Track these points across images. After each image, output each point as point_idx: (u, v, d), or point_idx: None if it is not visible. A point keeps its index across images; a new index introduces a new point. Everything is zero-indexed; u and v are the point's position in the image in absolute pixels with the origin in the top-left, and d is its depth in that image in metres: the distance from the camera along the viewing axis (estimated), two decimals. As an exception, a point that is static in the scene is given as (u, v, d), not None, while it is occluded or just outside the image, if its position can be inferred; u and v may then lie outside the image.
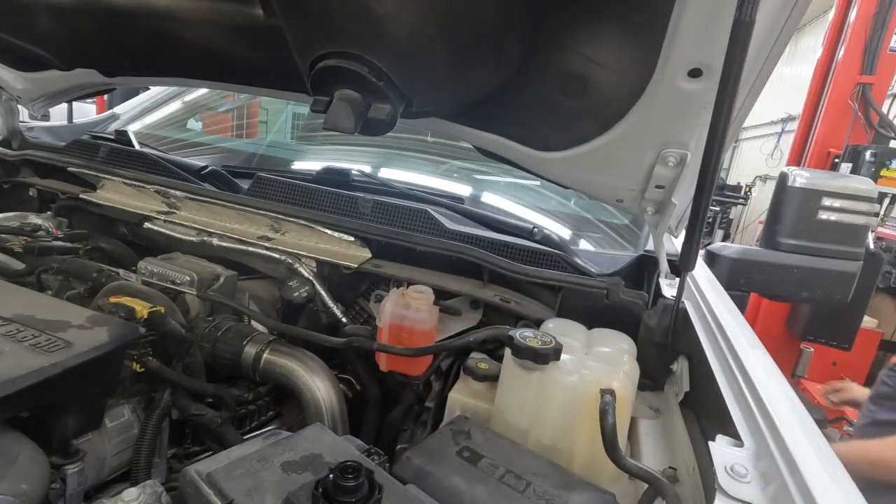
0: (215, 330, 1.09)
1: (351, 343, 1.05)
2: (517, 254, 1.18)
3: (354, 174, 1.61)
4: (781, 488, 0.60)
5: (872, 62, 4.74)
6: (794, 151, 5.38)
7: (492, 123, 1.18)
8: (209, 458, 0.71)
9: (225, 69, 1.32)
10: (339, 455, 0.70)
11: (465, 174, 2.04)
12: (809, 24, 11.82)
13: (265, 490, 0.63)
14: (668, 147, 0.99)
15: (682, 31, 0.78)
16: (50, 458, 0.75)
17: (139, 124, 2.29)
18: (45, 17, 1.27)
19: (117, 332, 0.82)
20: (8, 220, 1.45)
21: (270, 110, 2.87)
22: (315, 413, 1.00)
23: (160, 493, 0.71)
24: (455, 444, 0.76)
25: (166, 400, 0.94)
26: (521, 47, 0.93)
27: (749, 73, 0.89)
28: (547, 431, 0.85)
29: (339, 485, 0.59)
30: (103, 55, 1.44)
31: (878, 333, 4.52)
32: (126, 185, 1.47)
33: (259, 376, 1.05)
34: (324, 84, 0.90)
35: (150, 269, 1.21)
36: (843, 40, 4.86)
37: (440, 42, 0.86)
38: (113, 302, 1.00)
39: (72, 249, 1.38)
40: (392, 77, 0.87)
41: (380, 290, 1.27)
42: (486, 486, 0.69)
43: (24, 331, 0.79)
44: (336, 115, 0.87)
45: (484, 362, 1.01)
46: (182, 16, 1.10)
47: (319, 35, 0.88)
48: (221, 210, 1.36)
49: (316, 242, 1.28)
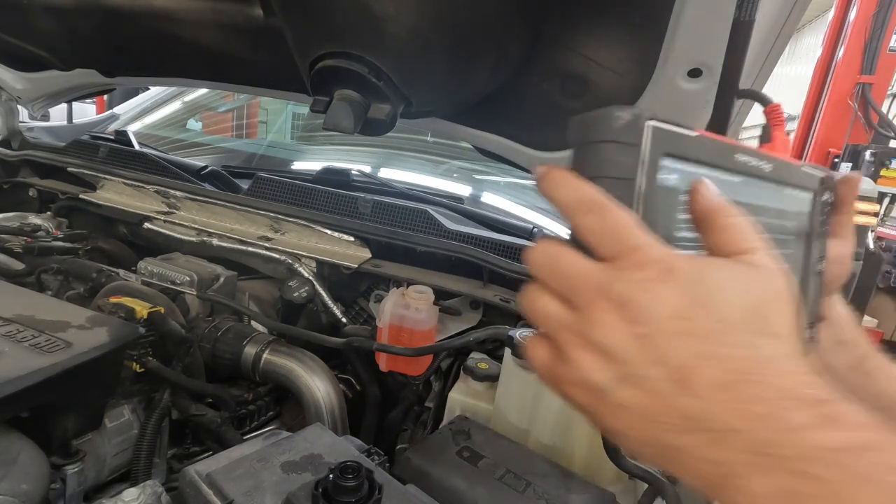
0: (215, 330, 1.09)
1: (351, 343, 1.05)
2: (517, 254, 1.18)
3: (354, 174, 1.61)
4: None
5: (872, 62, 4.75)
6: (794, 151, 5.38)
7: (492, 123, 1.18)
8: (209, 458, 0.71)
9: (225, 69, 1.32)
10: (338, 455, 0.70)
11: (465, 174, 2.04)
12: (809, 24, 11.82)
13: (265, 490, 0.63)
14: (667, 147, 0.98)
15: (682, 30, 0.78)
16: (50, 458, 0.75)
17: (139, 124, 2.28)
18: (44, 17, 1.27)
19: (117, 333, 0.82)
20: (8, 220, 1.45)
21: (270, 110, 2.86)
22: (315, 413, 1.00)
23: (160, 493, 0.71)
24: (455, 444, 0.76)
25: (166, 400, 0.94)
26: (520, 47, 0.93)
27: (749, 73, 0.89)
28: (547, 431, 0.85)
29: (339, 485, 0.59)
30: (103, 55, 1.44)
31: (878, 333, 4.52)
32: (126, 186, 1.47)
33: (259, 376, 1.06)
34: (323, 84, 0.90)
35: (150, 269, 1.21)
36: (843, 40, 4.86)
37: (440, 42, 0.87)
38: (113, 302, 1.00)
39: (72, 250, 1.38)
40: (392, 77, 0.87)
41: (380, 290, 1.27)
42: (486, 486, 0.69)
43: (24, 331, 0.78)
44: (336, 115, 0.87)
45: (484, 362, 1.01)
46: (182, 16, 1.11)
47: (319, 35, 0.88)
48: (221, 210, 1.36)
49: (316, 242, 1.28)
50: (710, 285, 0.38)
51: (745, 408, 0.35)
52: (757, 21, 0.70)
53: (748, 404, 0.35)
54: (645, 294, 0.38)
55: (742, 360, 0.36)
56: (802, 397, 0.35)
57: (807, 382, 0.36)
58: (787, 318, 0.39)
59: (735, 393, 0.35)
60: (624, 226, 0.39)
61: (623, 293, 0.38)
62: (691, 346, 0.37)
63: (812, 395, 0.35)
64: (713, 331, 0.37)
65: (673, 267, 0.38)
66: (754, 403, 0.35)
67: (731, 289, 0.38)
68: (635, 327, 0.38)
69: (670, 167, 0.43)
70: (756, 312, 0.38)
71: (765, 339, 0.37)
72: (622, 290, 0.38)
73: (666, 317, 0.37)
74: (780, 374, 0.36)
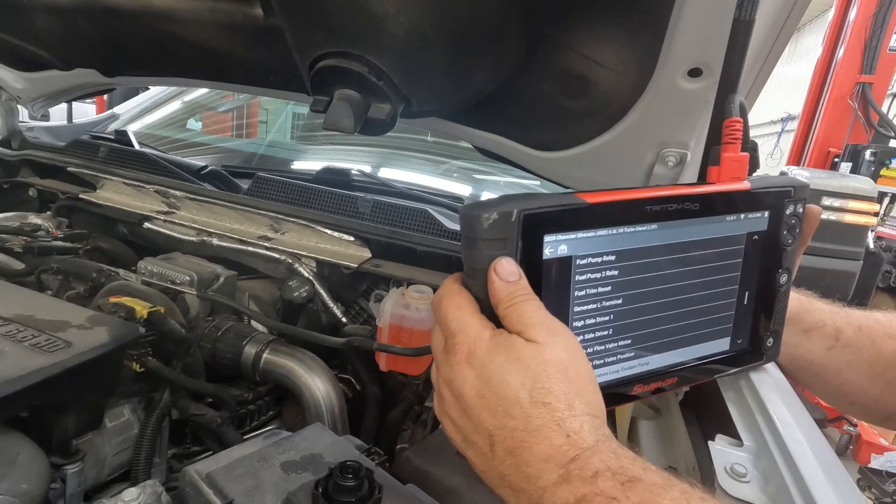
0: (215, 330, 1.09)
1: (351, 343, 1.05)
2: (517, 254, 1.18)
3: (354, 174, 1.61)
4: (781, 488, 0.60)
5: (872, 61, 4.75)
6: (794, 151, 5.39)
7: (492, 123, 1.18)
8: (209, 458, 0.71)
9: (225, 69, 1.32)
10: (338, 455, 0.70)
11: (465, 174, 2.04)
12: (809, 24, 11.82)
13: (265, 490, 0.63)
14: (667, 147, 0.98)
15: (682, 30, 0.78)
16: (50, 458, 0.75)
17: (139, 124, 2.28)
18: (44, 17, 1.27)
19: (117, 332, 0.82)
20: (8, 220, 1.45)
21: (270, 110, 2.86)
22: (315, 413, 1.00)
23: (160, 493, 0.71)
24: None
25: (166, 400, 0.94)
26: (520, 47, 0.93)
27: (749, 73, 0.89)
28: (547, 431, 0.85)
29: (339, 485, 0.59)
30: (103, 55, 1.44)
31: (878, 333, 4.51)
32: (126, 185, 1.47)
33: (259, 376, 1.06)
34: (323, 84, 0.90)
35: (150, 269, 1.21)
36: (843, 40, 4.86)
37: (440, 42, 0.87)
38: (113, 302, 1.00)
39: (72, 249, 1.38)
40: (392, 77, 0.87)
41: (380, 290, 1.27)
42: (485, 486, 0.69)
43: (24, 331, 0.78)
44: (336, 114, 0.87)
45: (484, 362, 1.01)
46: (182, 16, 1.10)
47: (319, 35, 0.88)
48: (221, 210, 1.36)
49: (316, 242, 1.28)
50: (494, 367, 0.46)
51: (523, 471, 0.44)
52: (757, 21, 0.70)
53: (524, 468, 0.44)
54: (456, 375, 0.48)
55: (520, 431, 0.44)
56: (556, 459, 0.43)
57: (565, 444, 0.43)
58: (560, 384, 0.45)
59: (517, 458, 0.44)
60: (452, 315, 0.49)
61: (445, 374, 0.49)
62: (490, 418, 0.46)
63: (563, 456, 0.43)
64: (500, 406, 0.45)
65: (473, 352, 0.47)
66: (527, 467, 0.44)
67: (511, 369, 0.46)
68: (458, 401, 0.48)
69: (556, 241, 0.50)
70: (533, 384, 0.45)
71: (537, 409, 0.44)
72: (445, 371, 0.49)
73: (472, 395, 0.47)
74: (544, 441, 0.44)
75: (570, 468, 0.42)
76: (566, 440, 0.43)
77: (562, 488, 0.42)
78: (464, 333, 0.48)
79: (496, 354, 0.47)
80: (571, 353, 0.47)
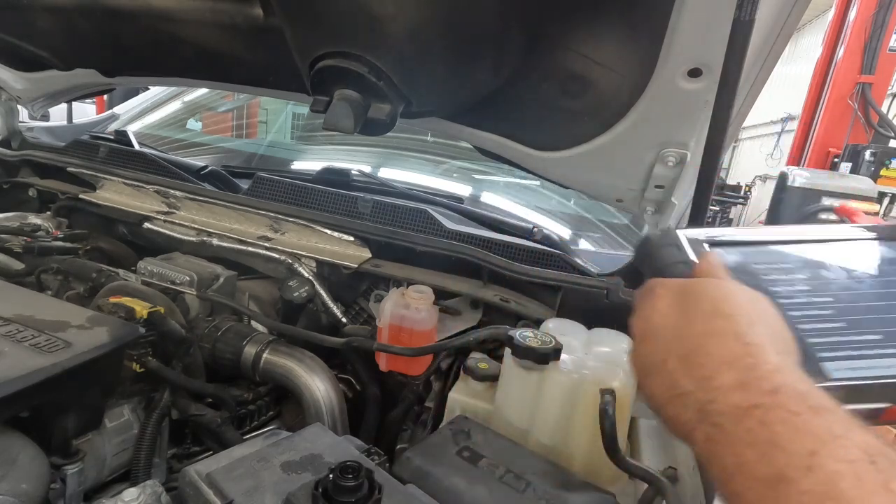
0: (215, 330, 1.08)
1: (351, 343, 1.05)
2: (517, 254, 1.18)
3: (354, 174, 1.61)
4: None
5: (872, 62, 4.75)
6: (794, 151, 5.39)
7: (492, 123, 1.18)
8: (209, 458, 0.71)
9: (225, 69, 1.32)
10: (338, 455, 0.70)
11: (465, 174, 2.04)
12: (809, 24, 11.82)
13: (265, 490, 0.63)
14: (667, 147, 0.99)
15: (682, 30, 0.78)
16: (50, 458, 0.75)
17: (139, 124, 2.28)
18: (44, 17, 1.27)
19: (117, 332, 0.82)
20: (8, 220, 1.45)
21: (270, 110, 2.86)
22: (315, 413, 1.00)
23: (160, 493, 0.71)
24: (455, 444, 0.76)
25: (166, 400, 0.94)
26: (520, 47, 0.93)
27: (749, 73, 0.89)
28: (547, 431, 0.85)
29: (339, 485, 0.59)
30: (103, 55, 1.44)
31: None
32: (126, 185, 1.46)
33: (259, 376, 1.05)
34: (323, 84, 0.90)
35: (150, 269, 1.21)
36: (843, 40, 4.86)
37: (440, 42, 0.87)
38: (113, 302, 1.00)
39: (71, 249, 1.38)
40: (392, 77, 0.87)
41: (380, 290, 1.27)
42: (486, 486, 0.69)
43: (24, 331, 0.78)
44: (336, 114, 0.87)
45: (484, 362, 1.00)
46: (182, 16, 1.11)
47: (319, 35, 0.88)
48: (221, 210, 1.36)
49: (316, 242, 1.28)
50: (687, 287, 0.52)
51: (695, 373, 0.45)
52: (757, 21, 0.70)
53: (696, 370, 0.45)
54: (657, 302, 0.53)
55: (696, 336, 0.47)
56: (734, 364, 0.43)
57: (742, 353, 0.44)
58: (743, 308, 0.48)
59: (691, 362, 0.46)
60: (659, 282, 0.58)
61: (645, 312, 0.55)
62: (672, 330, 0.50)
63: (740, 363, 0.43)
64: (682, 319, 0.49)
65: (666, 284, 0.55)
66: (700, 368, 0.44)
67: (699, 289, 0.51)
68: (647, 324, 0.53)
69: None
70: (715, 303, 0.49)
71: (717, 320, 0.47)
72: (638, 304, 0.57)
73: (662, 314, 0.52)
74: (721, 346, 0.45)
75: (748, 377, 0.41)
76: (744, 349, 0.43)
77: (736, 393, 0.41)
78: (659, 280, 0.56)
79: (687, 284, 0.53)
80: (758, 297, 0.50)
